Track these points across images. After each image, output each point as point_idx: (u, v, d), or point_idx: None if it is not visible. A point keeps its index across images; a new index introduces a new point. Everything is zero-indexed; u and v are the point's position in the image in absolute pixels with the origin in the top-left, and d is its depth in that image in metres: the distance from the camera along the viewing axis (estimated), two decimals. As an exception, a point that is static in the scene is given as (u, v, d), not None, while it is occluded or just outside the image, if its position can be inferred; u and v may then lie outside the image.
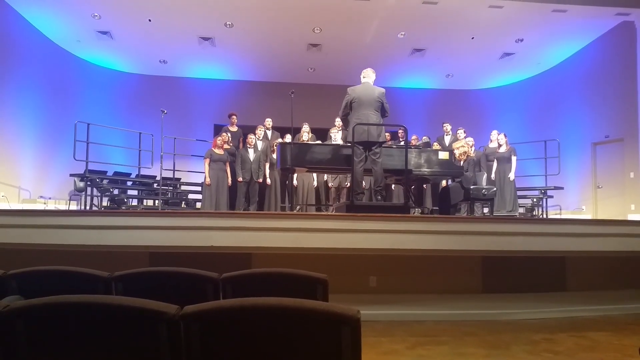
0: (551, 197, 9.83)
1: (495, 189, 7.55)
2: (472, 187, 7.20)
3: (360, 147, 6.06)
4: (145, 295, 1.48)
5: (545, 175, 9.82)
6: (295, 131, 8.40)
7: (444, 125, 9.27)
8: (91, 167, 8.56)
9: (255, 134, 8.60)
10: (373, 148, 6.10)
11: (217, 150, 8.25)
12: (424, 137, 9.48)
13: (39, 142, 10.26)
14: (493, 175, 8.60)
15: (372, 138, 6.00)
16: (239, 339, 1.41)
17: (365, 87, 6.14)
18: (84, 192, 8.43)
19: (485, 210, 8.13)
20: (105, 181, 8.99)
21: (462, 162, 7.61)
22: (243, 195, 8.28)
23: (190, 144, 11.66)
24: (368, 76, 6.24)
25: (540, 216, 9.47)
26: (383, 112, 6.14)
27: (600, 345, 4.25)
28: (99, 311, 1.42)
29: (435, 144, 9.05)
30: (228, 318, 1.41)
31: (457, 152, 7.85)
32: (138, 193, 10.22)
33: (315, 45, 11.45)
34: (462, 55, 11.67)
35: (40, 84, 10.45)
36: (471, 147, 8.20)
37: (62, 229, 5.06)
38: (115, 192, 9.37)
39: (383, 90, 6.15)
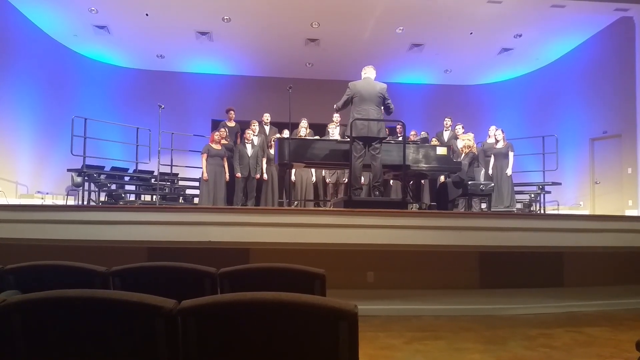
0: (549, 192, 9.85)
1: (492, 184, 7.56)
2: (469, 182, 7.20)
3: (360, 143, 6.05)
4: (143, 290, 1.48)
5: (543, 171, 9.82)
6: (293, 126, 8.39)
7: (445, 119, 9.24)
8: (88, 162, 8.52)
9: (251, 129, 8.54)
10: (373, 144, 6.09)
11: (214, 146, 8.23)
12: (422, 133, 9.47)
13: (36, 137, 10.23)
14: (490, 171, 8.60)
15: (372, 134, 5.98)
16: (236, 333, 1.41)
17: (366, 82, 6.11)
18: (81, 187, 8.42)
19: (483, 205, 8.14)
20: (102, 176, 8.98)
21: (462, 156, 7.61)
22: (241, 190, 8.26)
23: (187, 139, 11.65)
24: (369, 72, 6.21)
25: (538, 212, 9.49)
26: (387, 109, 6.12)
27: (597, 341, 4.27)
28: (97, 306, 1.41)
29: (434, 139, 9.04)
30: (225, 313, 1.41)
31: (460, 144, 7.85)
32: (135, 188, 10.21)
33: (313, 40, 11.42)
34: (460, 50, 11.65)
35: (37, 79, 10.40)
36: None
37: (60, 224, 5.06)
38: (113, 187, 9.36)
39: (384, 85, 6.12)
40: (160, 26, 10.63)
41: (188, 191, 10.88)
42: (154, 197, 9.36)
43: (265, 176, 8.48)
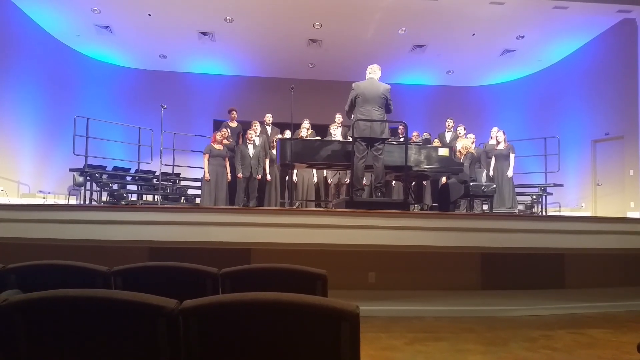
0: (551, 194, 9.84)
1: (494, 185, 7.55)
2: (471, 183, 7.19)
3: (363, 143, 6.04)
4: (145, 289, 1.48)
5: (545, 173, 9.82)
6: (295, 127, 8.39)
7: (447, 121, 9.23)
8: (90, 161, 8.55)
9: (252, 130, 8.54)
10: (375, 144, 6.08)
11: (216, 146, 8.23)
12: (425, 134, 9.47)
13: (38, 137, 10.25)
14: (491, 172, 8.60)
15: (375, 134, 5.98)
16: (237, 333, 1.41)
17: (370, 83, 6.10)
18: (83, 187, 8.43)
19: (485, 207, 8.14)
20: (104, 176, 8.99)
21: (462, 158, 7.61)
22: (242, 191, 8.27)
23: (189, 140, 11.68)
24: (374, 72, 6.18)
25: (540, 213, 9.47)
26: (387, 108, 6.12)
27: (598, 342, 4.26)
28: (98, 305, 1.41)
29: (436, 140, 9.04)
30: (227, 313, 1.41)
31: (458, 146, 7.85)
32: (137, 188, 10.22)
33: (315, 41, 11.43)
34: (462, 51, 11.65)
35: (39, 79, 10.42)
36: (472, 143, 8.21)
37: (61, 224, 5.06)
38: (115, 187, 9.37)
39: (388, 86, 6.12)
40: (163, 26, 10.64)
41: (190, 191, 10.89)
42: (156, 197, 9.37)
43: (268, 177, 8.49)
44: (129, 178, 9.94)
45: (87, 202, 8.29)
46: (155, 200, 9.48)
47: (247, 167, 8.23)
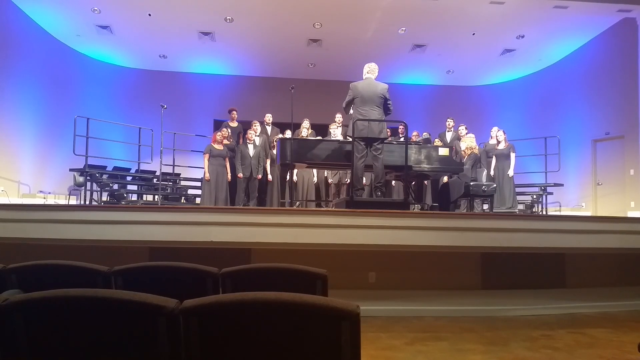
0: (551, 193, 9.84)
1: (495, 185, 7.55)
2: (472, 183, 7.19)
3: (362, 143, 6.04)
4: (145, 289, 1.48)
5: (545, 172, 9.82)
6: (295, 127, 8.39)
7: (448, 120, 9.23)
8: (91, 161, 8.55)
9: (253, 130, 8.53)
10: (374, 144, 6.09)
11: (216, 146, 8.23)
12: (425, 133, 9.47)
13: (38, 137, 10.25)
14: (492, 172, 8.60)
15: (373, 134, 5.98)
16: (238, 333, 1.41)
17: (367, 83, 6.10)
18: (83, 187, 8.43)
19: (485, 206, 8.13)
20: (104, 176, 9.00)
21: (464, 158, 7.61)
22: (243, 191, 8.27)
23: (189, 139, 11.69)
24: (371, 71, 6.19)
25: (540, 213, 9.47)
26: (386, 109, 6.11)
27: (599, 342, 4.26)
28: (99, 305, 1.41)
29: (436, 140, 9.04)
30: (227, 312, 1.41)
31: (462, 146, 7.85)
32: (138, 188, 10.22)
33: (315, 41, 11.43)
34: (463, 51, 11.65)
35: (40, 79, 10.43)
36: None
37: (62, 224, 5.06)
38: (115, 187, 9.37)
39: (386, 86, 6.11)
40: (163, 26, 10.64)
41: (190, 191, 10.89)
42: (156, 197, 9.37)
43: (270, 177, 8.48)
44: (129, 178, 9.94)
45: (87, 202, 8.29)
46: (156, 200, 9.48)
47: (247, 167, 8.23)
